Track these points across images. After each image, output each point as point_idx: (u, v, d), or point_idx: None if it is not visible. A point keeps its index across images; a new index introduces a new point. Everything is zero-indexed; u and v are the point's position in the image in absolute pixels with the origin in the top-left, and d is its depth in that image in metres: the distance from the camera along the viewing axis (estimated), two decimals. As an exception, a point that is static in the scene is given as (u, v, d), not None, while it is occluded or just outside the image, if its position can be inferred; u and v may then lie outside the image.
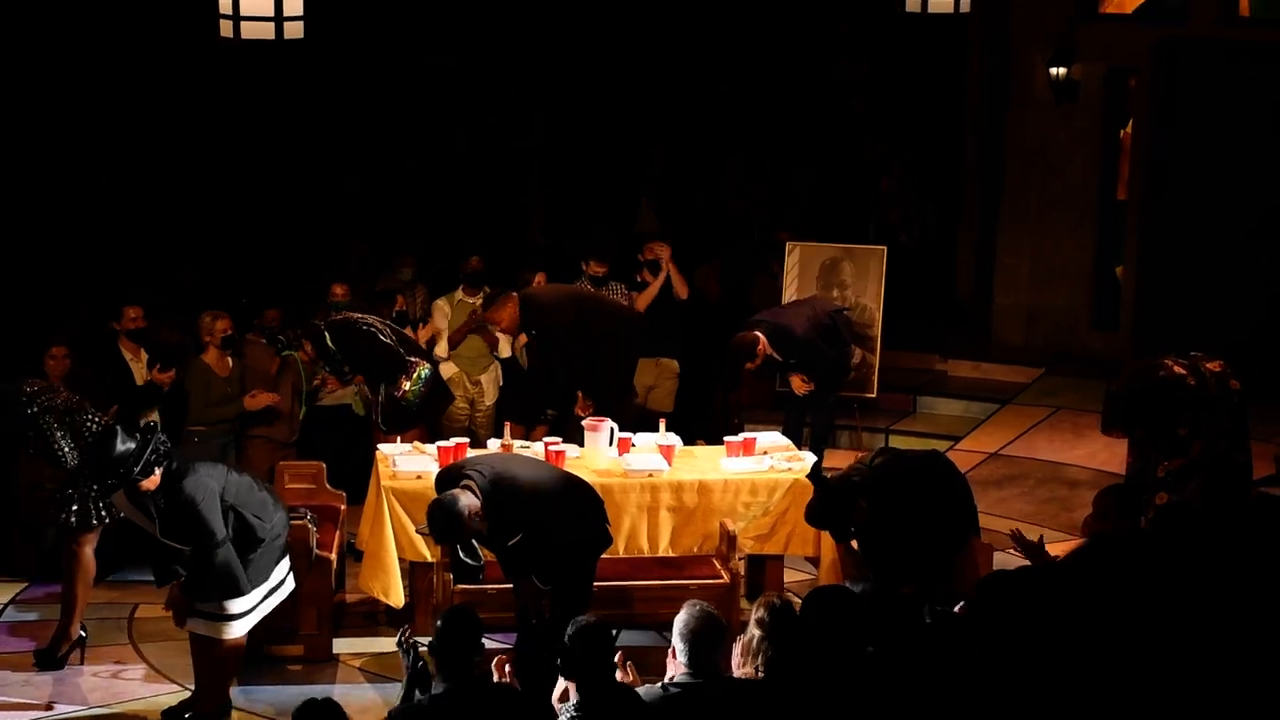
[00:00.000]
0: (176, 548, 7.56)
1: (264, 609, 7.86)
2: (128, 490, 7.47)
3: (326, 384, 10.62)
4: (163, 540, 7.57)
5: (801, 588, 8.85)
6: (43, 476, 9.02)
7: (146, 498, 7.48)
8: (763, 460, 9.24)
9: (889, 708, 5.40)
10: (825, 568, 8.87)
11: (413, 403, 9.96)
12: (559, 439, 9.37)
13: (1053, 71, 13.56)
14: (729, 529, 8.67)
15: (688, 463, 9.29)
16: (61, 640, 8.52)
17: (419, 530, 8.26)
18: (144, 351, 10.34)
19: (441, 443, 9.23)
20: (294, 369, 10.71)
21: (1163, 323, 12.92)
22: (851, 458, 8.80)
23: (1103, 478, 10.39)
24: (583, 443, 9.30)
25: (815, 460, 9.13)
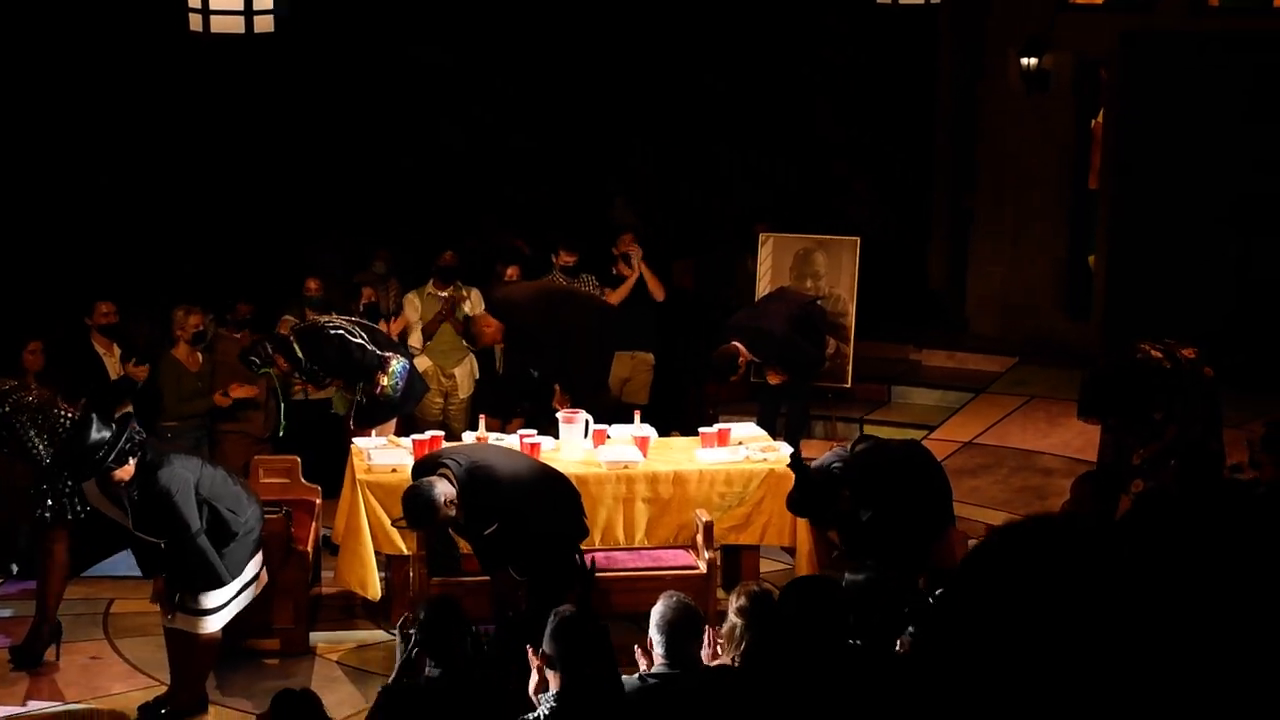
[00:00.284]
0: (151, 540, 7.54)
1: (239, 604, 7.85)
2: (100, 482, 7.45)
3: (307, 392, 10.57)
4: (136, 534, 7.55)
5: (778, 578, 8.86)
6: (14, 474, 8.99)
7: (120, 490, 7.45)
8: (738, 451, 9.24)
9: (867, 697, 5.40)
10: (802, 557, 8.88)
11: (392, 397, 9.93)
12: (534, 431, 9.37)
13: (1024, 62, 13.61)
14: (704, 519, 8.68)
15: (663, 454, 9.29)
16: (37, 636, 8.49)
17: (395, 523, 8.25)
18: (117, 346, 10.30)
19: (416, 436, 9.21)
20: (271, 384, 10.58)
21: (1134, 311, 12.96)
22: (826, 448, 8.82)
23: (1076, 466, 10.44)
24: (558, 435, 9.31)
25: (794, 450, 9.13)
